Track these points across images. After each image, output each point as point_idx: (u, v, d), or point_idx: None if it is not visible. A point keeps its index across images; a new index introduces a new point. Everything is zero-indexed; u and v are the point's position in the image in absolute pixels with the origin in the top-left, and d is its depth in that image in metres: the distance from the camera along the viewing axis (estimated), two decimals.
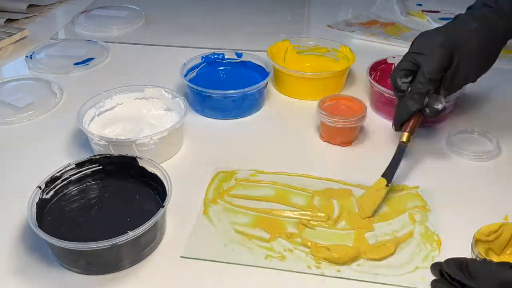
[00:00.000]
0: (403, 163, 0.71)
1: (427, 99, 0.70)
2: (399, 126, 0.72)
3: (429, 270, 0.54)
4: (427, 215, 0.66)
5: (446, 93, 0.72)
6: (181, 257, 0.60)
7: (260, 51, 0.97)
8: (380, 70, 0.91)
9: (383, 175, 0.68)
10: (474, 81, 0.73)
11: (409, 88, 0.71)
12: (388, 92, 0.82)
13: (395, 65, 0.91)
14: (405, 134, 0.71)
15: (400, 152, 0.70)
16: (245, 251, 0.61)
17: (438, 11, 1.26)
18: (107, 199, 0.66)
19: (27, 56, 1.03)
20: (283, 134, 0.83)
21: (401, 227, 0.65)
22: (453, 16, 0.76)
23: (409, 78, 0.71)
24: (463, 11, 0.75)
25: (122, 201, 0.65)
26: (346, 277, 0.58)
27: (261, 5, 1.33)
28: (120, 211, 0.63)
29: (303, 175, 0.73)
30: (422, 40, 0.72)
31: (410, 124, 0.71)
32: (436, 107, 0.70)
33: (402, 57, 0.73)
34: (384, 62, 0.92)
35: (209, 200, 0.69)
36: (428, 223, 0.65)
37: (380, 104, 0.86)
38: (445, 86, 0.71)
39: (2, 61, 1.05)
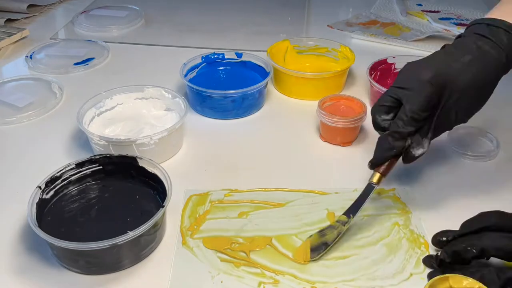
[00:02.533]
0: (399, 165, 0.71)
1: (409, 141, 0.61)
2: (374, 166, 0.63)
3: (424, 274, 0.55)
4: (409, 217, 0.66)
5: (431, 135, 0.62)
6: None
7: (260, 51, 0.97)
8: (380, 70, 0.91)
9: (345, 213, 0.63)
10: (465, 121, 0.63)
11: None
12: None
13: (394, 65, 0.92)
14: (377, 176, 0.63)
15: (367, 192, 0.63)
16: (235, 281, 0.57)
17: (438, 11, 1.26)
18: (107, 199, 0.66)
19: (27, 56, 1.03)
20: (283, 134, 0.83)
21: (387, 233, 0.64)
22: (453, 16, 0.74)
23: (391, 115, 0.63)
24: (463, 11, 0.73)
25: (122, 201, 0.65)
26: None
27: (261, 5, 1.34)
28: (120, 211, 0.63)
29: (280, 189, 0.70)
30: (407, 73, 0.62)
31: (385, 166, 0.63)
32: (414, 153, 0.61)
33: (402, 57, 0.71)
34: (384, 62, 0.92)
35: (185, 228, 0.64)
36: (411, 226, 0.65)
37: None
38: (431, 127, 0.61)
39: (2, 61, 1.05)
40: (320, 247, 0.61)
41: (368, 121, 0.80)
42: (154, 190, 0.66)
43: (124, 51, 1.09)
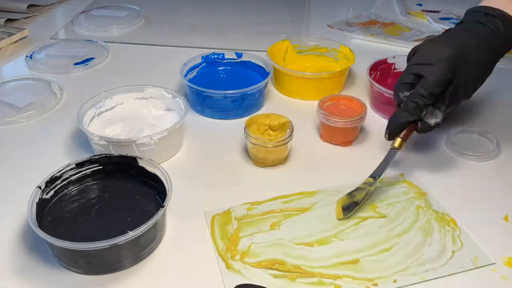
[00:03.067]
0: (400, 165, 0.71)
1: (424, 112, 0.67)
2: (393, 135, 0.70)
3: (463, 249, 0.59)
4: (427, 199, 0.68)
5: (444, 108, 0.68)
6: None
7: (260, 51, 0.97)
8: (380, 70, 0.91)
9: (371, 175, 0.68)
10: (469, 98, 0.71)
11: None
12: (388, 92, 0.82)
13: (394, 65, 0.92)
14: (398, 140, 0.69)
15: (391, 156, 0.70)
16: None
17: (438, 11, 1.26)
18: (107, 199, 0.66)
19: (27, 56, 1.03)
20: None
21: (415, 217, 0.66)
22: (453, 16, 0.75)
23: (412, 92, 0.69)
24: (463, 11, 0.74)
25: (122, 201, 0.65)
26: (402, 285, 0.57)
27: (261, 5, 1.34)
28: (120, 211, 0.63)
29: (297, 193, 0.70)
30: (427, 51, 0.69)
31: (404, 132, 0.69)
32: (429, 122, 0.68)
33: (402, 57, 0.73)
34: (384, 62, 0.92)
35: (223, 251, 0.61)
36: (434, 207, 0.67)
37: (379, 104, 0.86)
38: (445, 101, 0.67)
39: (2, 61, 1.05)
40: (351, 206, 0.66)
41: (368, 121, 0.81)
42: (154, 190, 0.66)
43: (124, 51, 1.09)
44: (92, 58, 1.03)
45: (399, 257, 0.61)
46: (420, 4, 1.31)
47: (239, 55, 0.95)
